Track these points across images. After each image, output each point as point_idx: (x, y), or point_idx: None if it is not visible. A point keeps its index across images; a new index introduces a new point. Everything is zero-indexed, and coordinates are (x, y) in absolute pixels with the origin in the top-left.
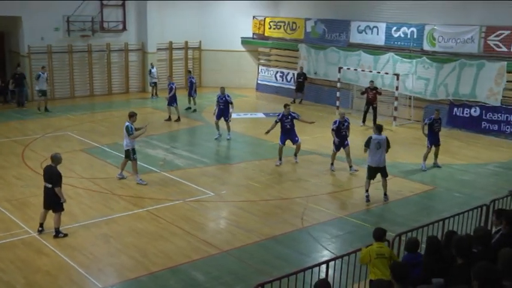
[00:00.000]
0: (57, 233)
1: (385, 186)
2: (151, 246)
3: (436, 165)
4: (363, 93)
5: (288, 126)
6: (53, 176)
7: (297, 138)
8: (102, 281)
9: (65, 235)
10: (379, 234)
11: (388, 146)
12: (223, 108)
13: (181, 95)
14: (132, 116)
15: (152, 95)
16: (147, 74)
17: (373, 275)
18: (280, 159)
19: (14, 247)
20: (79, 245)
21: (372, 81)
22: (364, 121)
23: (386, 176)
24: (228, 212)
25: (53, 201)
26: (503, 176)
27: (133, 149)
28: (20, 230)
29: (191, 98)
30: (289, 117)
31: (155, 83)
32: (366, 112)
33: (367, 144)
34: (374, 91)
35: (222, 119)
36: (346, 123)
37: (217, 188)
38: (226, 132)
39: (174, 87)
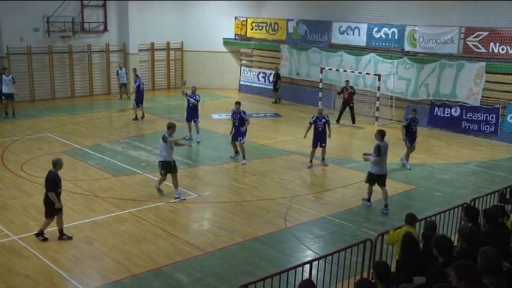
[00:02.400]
0: (38, 234)
1: (385, 197)
2: (134, 249)
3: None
4: (339, 93)
5: (236, 123)
6: (46, 181)
7: (241, 138)
8: (84, 284)
9: (45, 239)
10: (411, 219)
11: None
12: (193, 108)
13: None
14: (170, 127)
15: (121, 96)
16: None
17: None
18: (236, 152)
19: None
20: (61, 247)
21: (347, 81)
22: (338, 120)
23: (384, 185)
24: (211, 213)
25: (46, 206)
26: (483, 175)
27: (163, 162)
28: None
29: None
30: (239, 115)
31: (123, 84)
32: (341, 112)
33: (380, 152)
34: (349, 91)
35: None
36: (324, 120)
37: (200, 189)
38: (196, 134)
39: (142, 86)
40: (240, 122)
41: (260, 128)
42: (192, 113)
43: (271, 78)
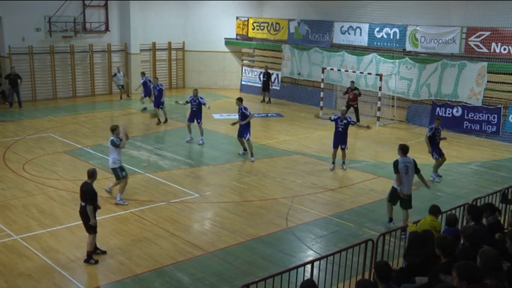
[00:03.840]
0: (89, 259)
1: (405, 219)
2: (136, 248)
3: (437, 175)
4: (345, 93)
5: (239, 119)
6: (87, 193)
7: (245, 135)
8: (86, 283)
9: (96, 262)
10: (435, 210)
11: (417, 170)
12: (196, 111)
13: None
14: (114, 129)
15: (121, 97)
16: (123, 75)
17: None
18: (244, 150)
19: None
20: (63, 247)
21: (352, 82)
22: None
23: (409, 207)
24: (212, 213)
25: (86, 221)
26: (485, 175)
27: (121, 167)
28: (1, 233)
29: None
30: (240, 111)
31: (122, 86)
32: (345, 111)
33: (397, 169)
34: (354, 91)
35: (195, 121)
36: (345, 121)
37: (202, 189)
38: (199, 136)
39: (163, 89)
40: (241, 118)
41: (262, 128)
42: (195, 115)
43: (272, 78)
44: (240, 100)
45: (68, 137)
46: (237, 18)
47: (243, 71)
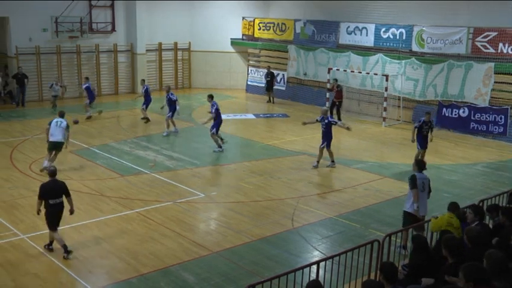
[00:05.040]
0: (48, 245)
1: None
2: (142, 248)
3: None
4: (329, 90)
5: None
6: (65, 188)
7: (211, 129)
8: (92, 283)
9: (50, 250)
10: (453, 207)
11: (429, 189)
12: (169, 107)
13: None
14: (64, 114)
15: (53, 105)
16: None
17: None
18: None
19: (3, 250)
20: (69, 247)
21: (335, 79)
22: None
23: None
24: (218, 213)
25: (60, 216)
26: (491, 176)
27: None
28: (8, 232)
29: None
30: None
31: (56, 96)
32: (338, 112)
33: (415, 184)
34: (337, 89)
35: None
36: (326, 121)
37: (208, 189)
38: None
39: (148, 90)
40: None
41: (267, 128)
42: (169, 110)
43: (278, 79)
44: (210, 97)
45: (74, 137)
46: (243, 18)
47: (249, 71)
